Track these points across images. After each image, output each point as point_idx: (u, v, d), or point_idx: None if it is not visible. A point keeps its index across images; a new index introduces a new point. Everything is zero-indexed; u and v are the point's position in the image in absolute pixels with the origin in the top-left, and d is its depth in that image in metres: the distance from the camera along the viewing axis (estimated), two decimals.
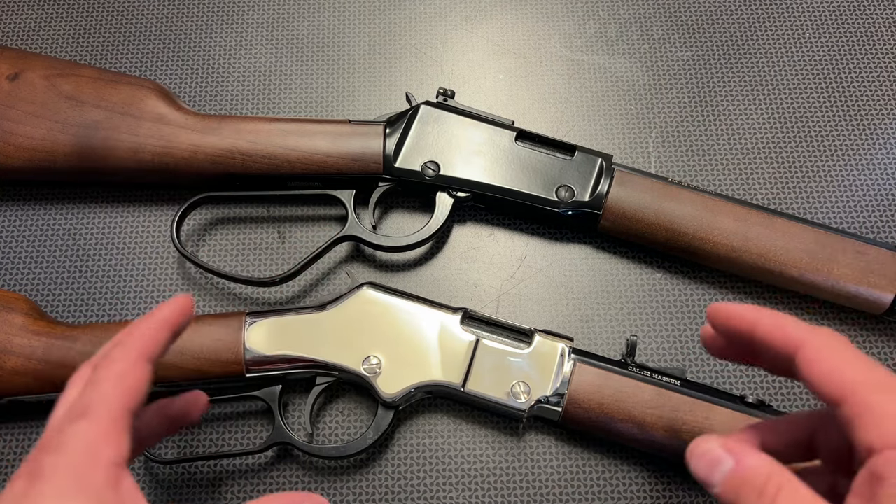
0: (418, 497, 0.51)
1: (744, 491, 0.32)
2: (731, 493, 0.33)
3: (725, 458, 0.34)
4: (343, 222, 0.56)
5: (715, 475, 0.34)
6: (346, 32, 0.66)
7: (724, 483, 0.33)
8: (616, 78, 0.64)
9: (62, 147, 0.55)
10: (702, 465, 0.34)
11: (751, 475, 0.33)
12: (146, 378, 0.36)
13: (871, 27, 0.66)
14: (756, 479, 0.32)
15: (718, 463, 0.34)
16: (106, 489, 0.32)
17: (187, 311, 0.39)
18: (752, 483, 0.32)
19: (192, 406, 0.44)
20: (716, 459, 0.34)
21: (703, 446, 0.35)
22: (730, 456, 0.34)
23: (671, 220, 0.54)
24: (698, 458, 0.35)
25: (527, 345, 0.50)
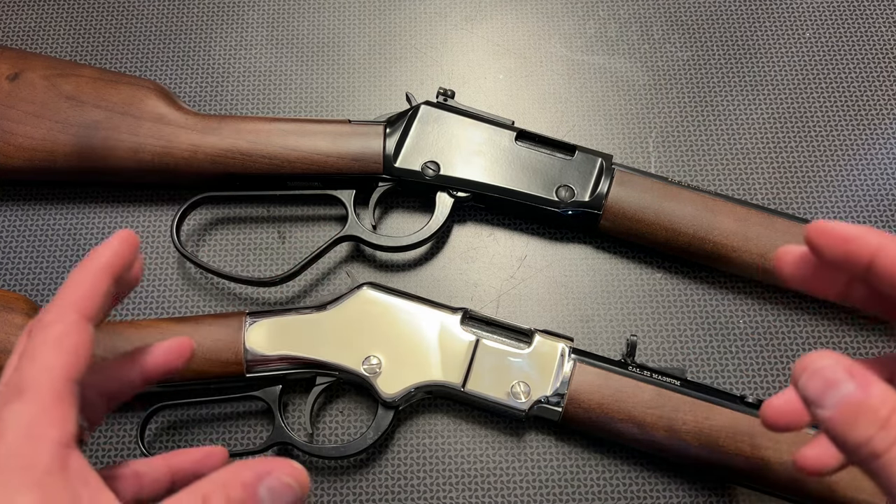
0: (418, 497, 0.51)
1: (863, 420, 0.28)
2: (846, 419, 0.29)
3: (846, 380, 0.29)
4: (343, 222, 0.56)
5: (828, 397, 0.29)
6: (346, 32, 0.66)
7: (838, 407, 0.29)
8: (616, 78, 0.64)
9: (62, 147, 0.55)
10: (815, 383, 0.30)
11: (875, 404, 0.28)
12: (89, 340, 0.32)
13: (871, 27, 0.66)
14: (881, 409, 0.28)
15: (836, 385, 0.29)
16: (51, 474, 0.29)
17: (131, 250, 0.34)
18: (875, 413, 0.28)
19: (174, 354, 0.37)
20: (834, 380, 0.29)
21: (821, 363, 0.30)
22: (852, 380, 0.29)
23: (671, 220, 0.54)
24: (812, 374, 0.30)
25: (527, 345, 0.50)
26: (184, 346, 0.37)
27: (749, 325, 0.56)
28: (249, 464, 0.32)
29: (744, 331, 0.56)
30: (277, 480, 0.32)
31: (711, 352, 0.55)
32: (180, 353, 0.37)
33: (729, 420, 0.48)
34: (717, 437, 0.48)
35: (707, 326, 0.56)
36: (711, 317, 0.56)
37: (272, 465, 0.32)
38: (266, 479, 0.32)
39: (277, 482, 0.32)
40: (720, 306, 0.57)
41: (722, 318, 0.56)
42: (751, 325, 0.56)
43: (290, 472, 0.33)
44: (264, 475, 0.32)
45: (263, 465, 0.32)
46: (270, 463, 0.32)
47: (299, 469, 0.33)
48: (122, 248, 0.34)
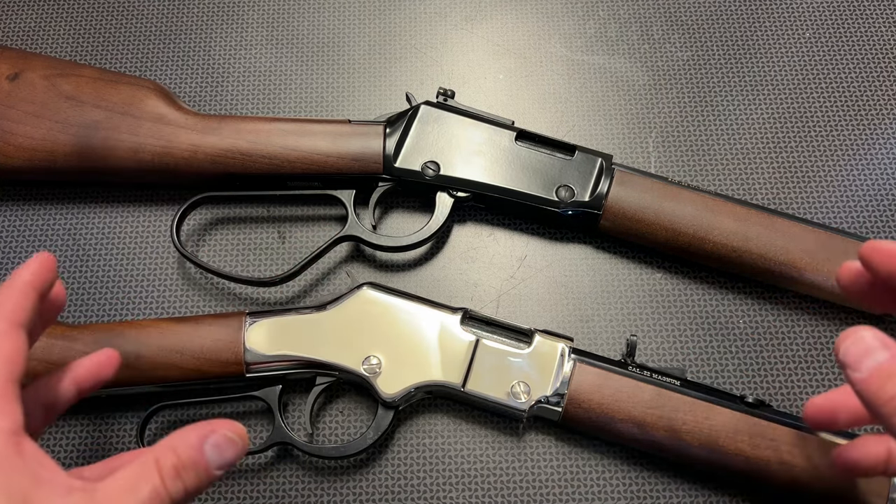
0: (418, 497, 0.51)
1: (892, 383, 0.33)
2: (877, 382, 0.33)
3: (880, 349, 0.34)
4: (343, 222, 0.56)
5: (865, 362, 0.34)
6: (346, 32, 0.66)
7: (872, 371, 0.33)
8: (616, 78, 0.64)
9: (62, 147, 0.55)
10: (853, 350, 0.34)
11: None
12: (23, 345, 0.36)
13: (871, 27, 0.66)
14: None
15: (872, 352, 0.34)
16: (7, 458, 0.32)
17: (49, 269, 0.38)
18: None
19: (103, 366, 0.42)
20: (870, 348, 0.34)
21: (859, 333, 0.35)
22: (886, 349, 0.34)
23: (671, 220, 0.54)
24: (852, 342, 0.34)
25: (527, 345, 0.50)
26: (111, 358, 0.42)
27: (749, 325, 0.56)
28: (193, 426, 0.36)
29: (744, 331, 0.56)
30: (221, 437, 0.36)
31: (711, 352, 0.55)
32: (108, 364, 0.42)
33: (729, 420, 0.48)
34: (717, 437, 0.48)
35: (707, 326, 0.56)
36: (711, 317, 0.56)
37: (214, 425, 0.36)
38: (210, 436, 0.36)
39: (221, 438, 0.36)
40: (720, 306, 0.57)
41: (722, 318, 0.56)
42: (751, 325, 0.56)
43: (231, 427, 0.37)
44: (208, 433, 0.36)
45: (206, 425, 0.36)
46: (212, 423, 0.36)
47: (237, 425, 0.37)
48: (40, 267, 0.38)
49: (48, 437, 0.53)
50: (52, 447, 0.52)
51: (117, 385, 0.50)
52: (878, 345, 0.34)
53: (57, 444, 0.53)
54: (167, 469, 0.34)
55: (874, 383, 0.33)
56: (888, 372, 0.33)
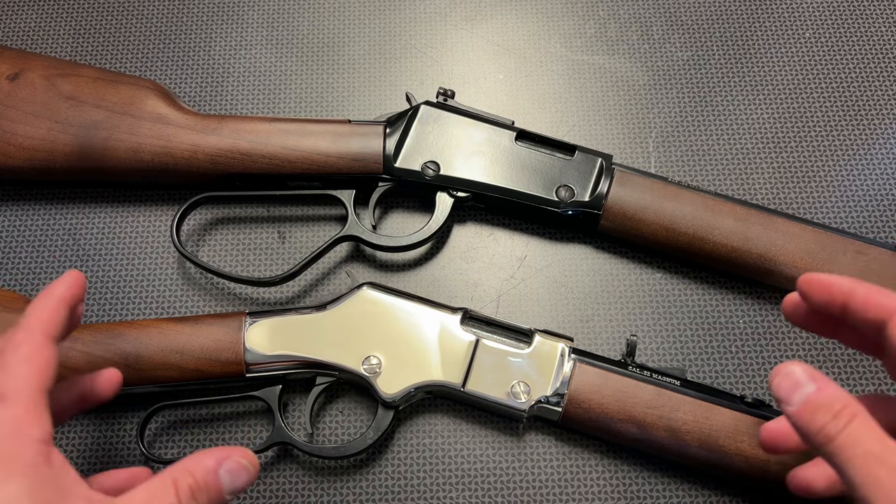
0: (418, 497, 0.51)
1: (819, 414, 0.35)
2: (807, 413, 0.35)
3: (808, 383, 0.36)
4: (343, 222, 0.56)
5: (795, 396, 0.36)
6: (346, 32, 0.66)
7: (802, 404, 0.35)
8: (616, 78, 0.64)
9: (62, 147, 0.55)
10: (784, 385, 0.36)
11: (829, 401, 0.35)
12: (54, 357, 0.38)
13: (871, 27, 0.66)
14: (833, 405, 0.35)
15: (800, 386, 0.36)
16: (36, 465, 0.34)
17: (80, 286, 0.41)
18: (829, 408, 0.34)
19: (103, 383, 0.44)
20: (799, 382, 0.36)
21: (789, 368, 0.37)
22: (813, 382, 0.36)
23: (671, 220, 0.54)
24: (783, 377, 0.37)
25: (527, 345, 0.50)
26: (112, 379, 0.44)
27: (749, 325, 0.56)
28: (209, 451, 0.38)
29: (744, 331, 0.56)
30: (235, 463, 0.38)
31: (711, 352, 0.55)
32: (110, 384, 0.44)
33: (729, 420, 0.48)
34: (717, 437, 0.48)
35: (707, 326, 0.56)
36: (711, 317, 0.56)
37: (229, 452, 0.38)
38: (225, 462, 0.38)
39: (235, 464, 0.38)
40: (720, 306, 0.57)
41: (722, 318, 0.56)
42: (751, 325, 0.56)
43: (244, 455, 0.39)
44: (223, 459, 0.38)
45: (221, 451, 0.38)
46: (227, 450, 0.39)
47: (251, 453, 0.39)
48: (73, 283, 0.40)
49: None
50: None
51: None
52: (806, 378, 0.36)
53: (57, 444, 0.52)
54: (184, 490, 0.36)
55: (805, 415, 0.35)
56: (816, 404, 0.35)
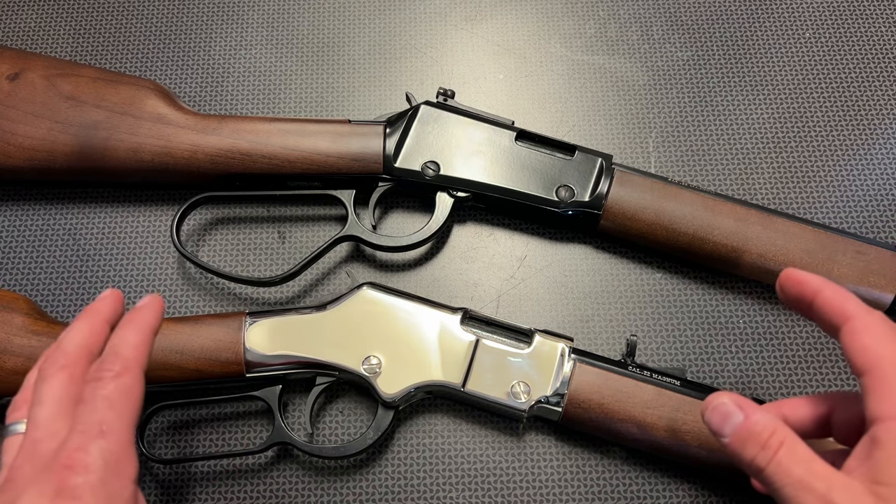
0: (418, 497, 0.51)
1: (749, 443, 0.36)
2: (739, 443, 0.37)
3: (736, 412, 0.37)
4: (343, 222, 0.56)
5: (726, 427, 0.37)
6: (346, 32, 0.66)
7: (732, 434, 0.37)
8: (616, 78, 0.64)
9: (62, 147, 0.55)
10: (715, 417, 0.38)
11: (757, 429, 0.36)
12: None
13: (871, 27, 0.66)
14: (762, 433, 0.36)
15: (730, 416, 0.37)
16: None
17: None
18: (758, 436, 0.36)
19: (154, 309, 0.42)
20: (728, 413, 0.38)
21: (718, 400, 0.38)
22: (740, 411, 0.37)
23: (671, 220, 0.54)
24: (712, 410, 0.38)
25: (527, 345, 0.50)
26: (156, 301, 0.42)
27: (749, 325, 0.56)
28: None
29: (744, 331, 0.56)
30: None
31: (711, 352, 0.55)
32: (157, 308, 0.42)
33: None
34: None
35: (707, 326, 0.56)
36: (711, 317, 0.56)
37: None
38: None
39: None
40: (720, 306, 0.57)
41: (722, 318, 0.56)
42: (751, 325, 0.56)
43: None
44: None
45: None
46: None
47: None
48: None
49: None
50: None
51: None
52: (734, 408, 0.38)
53: None
54: None
55: (736, 446, 0.37)
56: (745, 433, 0.37)
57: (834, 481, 0.34)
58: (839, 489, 0.33)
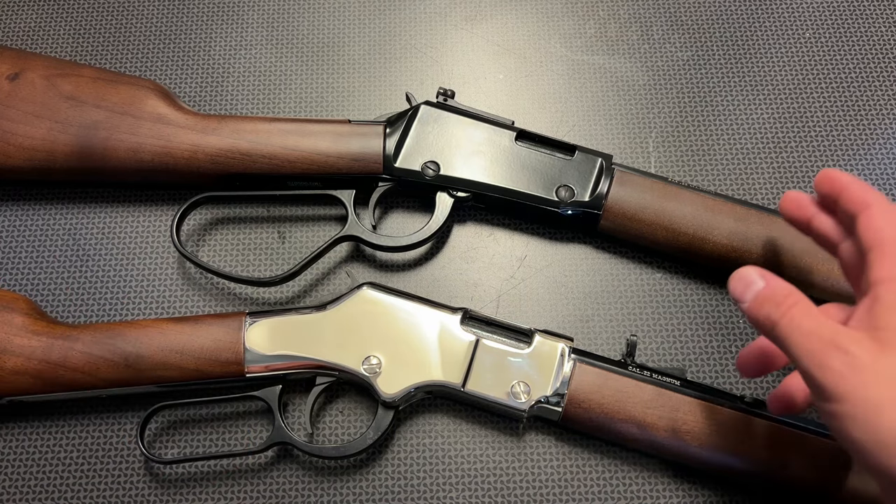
0: (418, 497, 0.51)
1: (766, 303, 0.39)
2: (757, 307, 0.40)
3: (759, 281, 0.40)
4: (343, 222, 0.56)
5: (747, 293, 0.40)
6: (346, 32, 0.66)
7: (752, 300, 0.40)
8: (616, 78, 0.64)
9: (62, 147, 0.55)
10: (739, 285, 0.41)
11: (775, 293, 0.39)
12: None
13: (871, 27, 0.66)
14: (778, 295, 0.39)
15: (752, 284, 0.41)
16: None
17: None
18: (774, 298, 0.39)
19: None
20: (751, 281, 0.41)
21: (743, 272, 0.41)
22: (763, 280, 0.40)
23: (671, 220, 0.54)
24: (737, 280, 0.41)
25: (527, 345, 0.50)
26: None
27: (749, 325, 0.56)
28: None
29: (744, 331, 0.56)
30: None
31: (711, 352, 0.55)
32: None
33: (729, 420, 0.48)
34: (717, 437, 0.48)
35: (707, 326, 0.56)
36: (711, 317, 0.56)
37: None
38: None
39: None
40: (720, 306, 0.57)
41: (722, 318, 0.56)
42: (751, 325, 0.56)
43: None
44: None
45: None
46: None
47: None
48: None
49: (47, 437, 0.53)
50: (51, 447, 0.52)
51: (117, 385, 0.50)
52: (757, 277, 0.41)
53: (57, 444, 0.53)
54: None
55: (754, 308, 0.40)
56: (763, 297, 0.40)
57: (839, 330, 0.37)
58: (843, 334, 0.37)
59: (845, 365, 0.36)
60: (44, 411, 0.53)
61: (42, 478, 0.52)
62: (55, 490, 0.52)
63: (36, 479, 0.52)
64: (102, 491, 0.52)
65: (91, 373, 0.49)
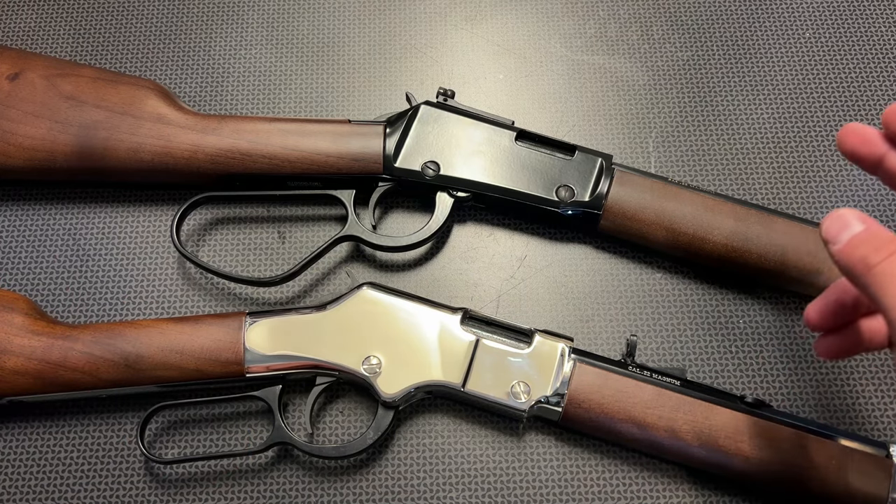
0: (418, 497, 0.51)
1: (862, 247, 0.37)
2: (850, 248, 0.37)
3: (857, 223, 0.38)
4: (343, 222, 0.56)
5: (843, 234, 0.38)
6: (346, 32, 0.66)
7: (848, 241, 0.38)
8: (616, 78, 0.64)
9: (62, 147, 0.55)
10: (834, 226, 0.39)
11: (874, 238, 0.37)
12: None
13: (871, 27, 0.66)
14: (877, 240, 0.37)
15: (849, 226, 0.38)
16: None
17: None
18: (872, 243, 0.37)
19: None
20: (849, 223, 0.38)
21: (841, 212, 0.39)
22: (862, 223, 0.38)
23: (671, 220, 0.54)
24: (833, 219, 0.39)
25: (527, 345, 0.50)
26: None
27: (749, 325, 0.56)
28: None
29: (744, 331, 0.56)
30: None
31: (711, 352, 0.55)
32: None
33: (729, 420, 0.48)
34: (717, 437, 0.48)
35: (707, 326, 0.56)
36: (711, 317, 0.56)
37: None
38: None
39: None
40: (720, 306, 0.57)
41: (722, 318, 0.56)
42: (751, 325, 0.56)
43: None
44: None
45: None
46: None
47: None
48: None
49: (47, 437, 0.53)
50: (52, 447, 0.52)
51: (117, 385, 0.50)
52: (856, 220, 0.38)
53: (57, 444, 0.53)
54: None
55: (848, 249, 0.38)
56: (861, 239, 0.37)
57: None
58: None
59: None
60: (44, 411, 0.53)
61: (42, 478, 0.52)
62: (55, 490, 0.52)
63: (36, 479, 0.52)
64: (102, 491, 0.52)
65: (91, 373, 0.49)
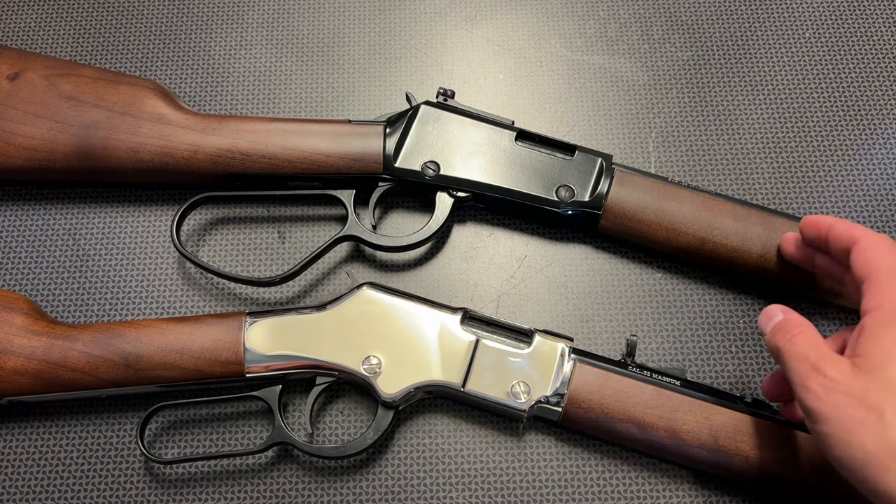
0: (418, 497, 0.51)
1: (780, 332, 0.44)
2: (773, 336, 0.44)
3: (779, 315, 0.45)
4: (343, 222, 0.56)
5: (768, 325, 0.45)
6: (346, 32, 0.66)
7: (771, 330, 0.45)
8: (616, 78, 0.64)
9: (62, 147, 0.55)
10: (764, 318, 0.46)
11: (787, 323, 0.44)
12: None
13: (871, 27, 0.66)
14: (789, 325, 0.44)
15: (773, 317, 0.45)
16: None
17: None
18: (785, 328, 0.44)
19: None
20: (773, 315, 0.45)
21: (770, 308, 0.46)
22: (782, 314, 0.45)
23: (671, 220, 0.54)
24: (763, 314, 0.46)
25: (527, 345, 0.50)
26: None
27: (749, 325, 0.56)
28: None
29: (744, 331, 0.56)
30: None
31: (711, 352, 0.55)
32: None
33: (729, 420, 0.48)
34: (717, 437, 0.48)
35: (707, 326, 0.56)
36: (711, 317, 0.56)
37: None
38: None
39: None
40: (720, 306, 0.57)
41: (722, 318, 0.56)
42: (751, 325, 0.56)
43: None
44: None
45: None
46: None
47: None
48: None
49: (47, 437, 0.53)
50: (52, 447, 0.52)
51: (117, 385, 0.50)
52: (779, 311, 0.45)
53: (57, 444, 0.53)
54: None
55: (771, 337, 0.44)
56: (778, 327, 0.44)
57: (825, 355, 0.41)
58: (826, 359, 0.40)
59: (822, 386, 0.39)
60: (44, 411, 0.53)
61: (42, 478, 0.52)
62: (55, 490, 0.52)
63: (36, 479, 0.52)
64: (102, 491, 0.52)
65: (91, 373, 0.49)
